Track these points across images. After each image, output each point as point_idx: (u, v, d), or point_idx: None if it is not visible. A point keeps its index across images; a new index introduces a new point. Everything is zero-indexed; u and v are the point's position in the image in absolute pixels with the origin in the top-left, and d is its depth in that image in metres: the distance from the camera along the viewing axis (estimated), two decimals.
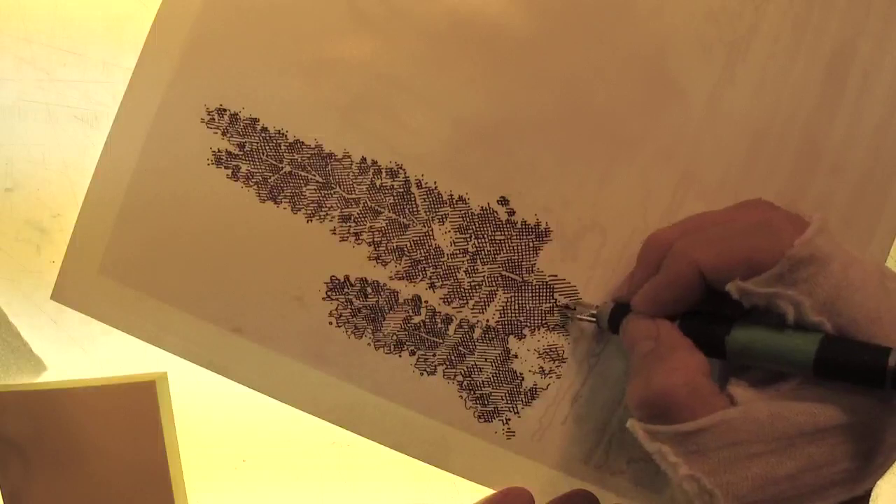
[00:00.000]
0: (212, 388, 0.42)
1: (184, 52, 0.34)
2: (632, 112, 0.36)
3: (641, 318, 0.31)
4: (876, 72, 0.36)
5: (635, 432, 0.28)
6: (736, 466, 0.26)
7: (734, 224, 0.30)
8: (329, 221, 0.35)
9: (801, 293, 0.27)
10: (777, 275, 0.27)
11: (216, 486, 0.44)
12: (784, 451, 0.26)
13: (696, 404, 0.27)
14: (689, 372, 0.28)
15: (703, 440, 0.26)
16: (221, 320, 0.35)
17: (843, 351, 0.26)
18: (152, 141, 0.34)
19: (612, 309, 0.33)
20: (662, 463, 0.27)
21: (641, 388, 0.29)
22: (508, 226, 0.36)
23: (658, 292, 0.31)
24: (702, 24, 0.36)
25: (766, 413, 0.26)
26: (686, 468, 0.26)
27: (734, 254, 0.28)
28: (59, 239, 0.41)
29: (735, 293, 0.28)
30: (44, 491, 0.42)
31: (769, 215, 0.30)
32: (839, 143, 0.36)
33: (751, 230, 0.29)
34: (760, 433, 0.26)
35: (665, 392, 0.28)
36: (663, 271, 0.31)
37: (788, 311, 0.27)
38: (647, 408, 0.28)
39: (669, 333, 0.30)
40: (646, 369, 0.29)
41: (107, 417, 0.42)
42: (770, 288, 0.27)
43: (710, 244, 0.29)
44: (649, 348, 0.30)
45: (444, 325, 0.36)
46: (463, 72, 0.35)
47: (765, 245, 0.28)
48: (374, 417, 0.36)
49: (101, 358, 0.43)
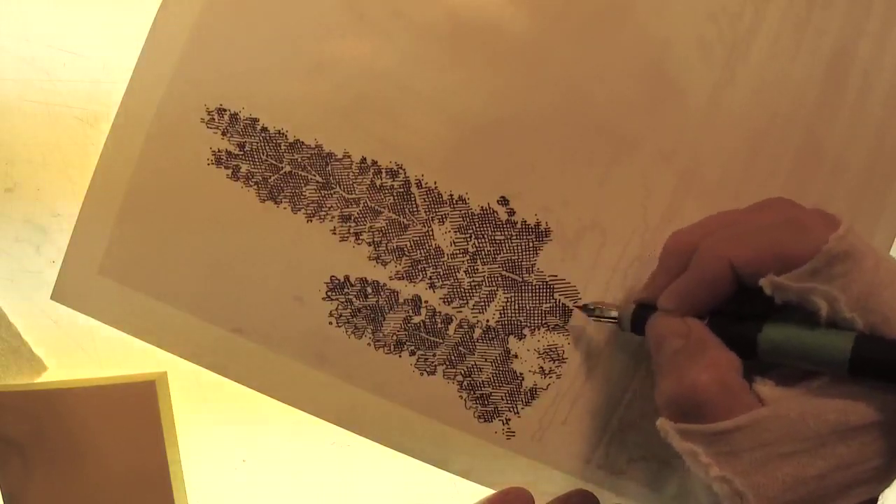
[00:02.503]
0: (212, 388, 0.42)
1: (184, 52, 0.34)
2: (632, 112, 0.36)
3: (669, 316, 0.30)
4: (876, 72, 0.36)
5: (665, 432, 0.28)
6: (767, 467, 0.26)
7: (763, 221, 0.30)
8: (329, 221, 0.35)
9: (836, 289, 0.26)
10: (812, 270, 0.27)
11: (216, 486, 0.44)
12: (815, 450, 0.26)
13: (729, 403, 0.27)
14: (721, 369, 0.28)
15: (736, 440, 0.26)
16: (221, 320, 0.35)
17: (878, 349, 0.26)
18: (152, 141, 0.34)
19: (635, 310, 0.33)
20: (693, 463, 0.27)
21: (673, 386, 0.28)
22: (508, 226, 0.36)
23: (689, 290, 0.30)
24: (702, 24, 0.36)
25: (798, 412, 0.26)
26: (717, 469, 0.26)
27: (767, 249, 0.28)
28: (59, 239, 0.41)
29: (769, 288, 0.27)
30: (43, 491, 0.42)
31: (797, 212, 0.30)
32: (839, 143, 0.36)
33: (782, 226, 0.29)
34: (791, 432, 0.26)
35: (698, 390, 0.27)
36: (693, 269, 0.30)
37: (822, 307, 0.26)
38: (679, 406, 0.28)
39: (700, 331, 0.29)
40: (677, 367, 0.29)
41: (107, 417, 0.42)
42: (806, 283, 0.27)
43: (742, 240, 0.29)
44: (679, 346, 0.29)
45: (444, 325, 0.36)
46: (463, 72, 0.35)
47: (797, 241, 0.27)
48: (374, 417, 0.36)
49: (101, 358, 0.43)
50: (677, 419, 0.28)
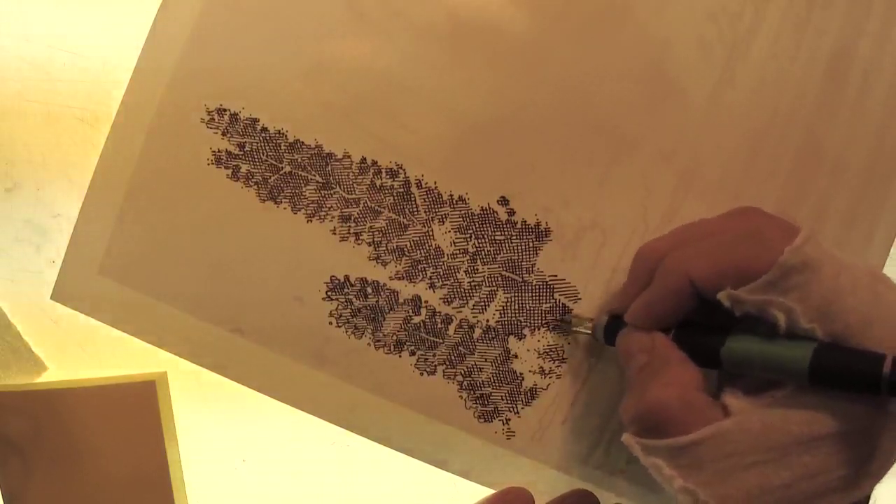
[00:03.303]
0: (212, 388, 0.42)
1: (184, 53, 0.34)
2: (632, 112, 0.36)
3: (636, 331, 0.31)
4: (876, 72, 0.36)
5: (631, 447, 0.29)
6: (731, 478, 0.26)
7: (724, 234, 0.30)
8: (329, 221, 0.35)
9: (793, 300, 0.27)
10: (768, 283, 0.27)
11: (216, 486, 0.44)
12: (779, 460, 0.26)
13: (689, 418, 0.27)
14: (682, 387, 0.28)
15: (698, 453, 0.27)
16: (221, 320, 0.35)
17: (837, 359, 0.26)
18: (152, 141, 0.34)
19: (607, 322, 0.33)
20: (658, 476, 0.27)
21: (635, 402, 0.29)
22: (508, 226, 0.36)
23: (651, 305, 0.31)
24: (702, 24, 0.36)
25: (760, 424, 0.26)
26: (681, 481, 0.27)
27: (725, 264, 0.28)
28: (59, 239, 0.41)
29: (726, 302, 0.28)
30: (43, 491, 0.42)
31: (759, 224, 0.30)
32: (839, 143, 0.36)
33: (741, 239, 0.29)
34: (755, 444, 0.26)
35: (658, 407, 0.28)
36: (655, 284, 0.31)
37: (780, 319, 0.27)
38: (642, 422, 0.29)
39: (663, 347, 0.30)
40: (640, 384, 0.29)
41: (107, 417, 0.42)
42: (762, 296, 0.27)
43: (701, 255, 0.29)
44: (644, 362, 0.30)
45: (444, 325, 0.36)
46: (463, 72, 0.35)
47: (755, 254, 0.28)
48: (374, 417, 0.36)
49: (101, 358, 0.43)
50: (641, 434, 0.28)
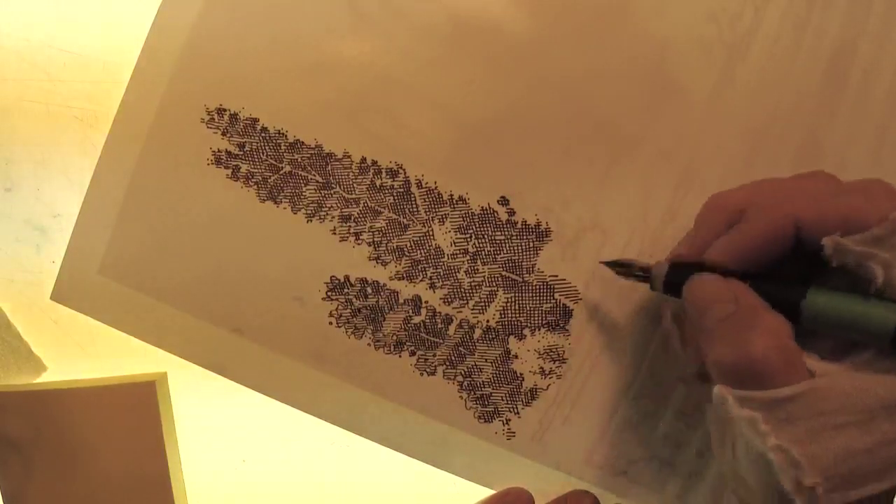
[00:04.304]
0: (212, 388, 0.42)
1: (184, 52, 0.34)
2: (632, 112, 0.36)
3: (713, 279, 0.29)
4: (876, 72, 0.36)
5: (724, 399, 0.27)
6: (821, 437, 0.25)
7: (820, 186, 0.29)
8: (329, 221, 0.35)
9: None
10: (877, 236, 0.26)
11: (216, 486, 0.44)
12: (865, 424, 0.25)
13: (788, 370, 0.26)
14: (779, 336, 0.27)
15: (794, 408, 0.26)
16: (221, 320, 0.35)
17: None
18: (152, 141, 0.34)
19: (669, 269, 0.31)
20: (751, 431, 0.26)
21: (729, 353, 0.27)
22: (508, 226, 0.36)
23: (745, 245, 0.29)
24: (702, 24, 0.36)
25: (850, 384, 0.26)
26: (774, 438, 0.26)
27: (833, 211, 0.28)
28: (59, 239, 0.41)
29: (830, 248, 0.27)
30: (44, 491, 0.42)
31: (858, 181, 0.29)
32: (839, 143, 0.36)
33: (850, 190, 0.28)
34: (846, 404, 0.25)
35: (757, 357, 0.27)
36: (753, 224, 0.29)
37: (878, 275, 0.26)
38: (737, 374, 0.27)
39: (749, 296, 0.28)
40: (730, 334, 0.28)
41: (107, 417, 0.42)
42: (868, 248, 0.26)
43: (809, 199, 0.29)
44: (729, 311, 0.28)
45: (444, 326, 0.36)
46: (463, 72, 0.35)
47: (864, 207, 0.27)
48: (374, 417, 0.36)
49: (101, 358, 0.43)
50: (734, 387, 0.27)
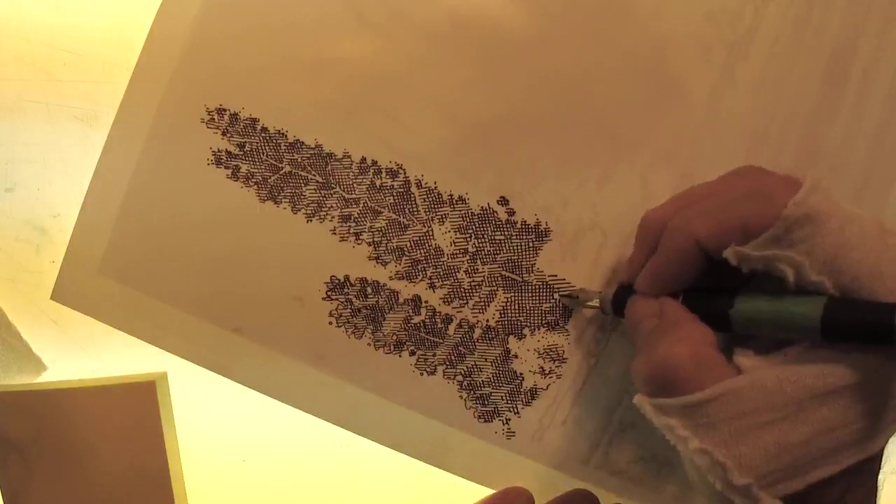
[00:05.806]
0: (212, 388, 0.42)
1: (184, 52, 0.34)
2: (632, 112, 0.36)
3: (645, 297, 0.31)
4: (876, 72, 0.36)
5: (642, 407, 0.28)
6: (748, 437, 0.25)
7: (727, 193, 0.30)
8: (329, 221, 0.35)
9: (800, 254, 0.26)
10: (773, 237, 0.27)
11: (216, 486, 0.44)
12: (795, 416, 0.25)
13: (702, 375, 0.27)
14: (693, 343, 0.28)
15: (712, 411, 0.26)
16: (221, 320, 0.35)
17: (848, 311, 0.25)
18: (152, 141, 0.34)
19: (615, 292, 0.33)
20: (672, 438, 0.27)
21: (646, 361, 0.28)
22: (508, 226, 0.36)
23: (659, 270, 0.30)
24: (702, 24, 0.36)
25: (774, 379, 0.26)
26: (696, 441, 0.26)
27: (729, 221, 0.28)
28: (59, 239, 0.41)
29: (733, 259, 0.27)
30: (44, 491, 0.42)
31: (764, 181, 0.30)
32: (839, 143, 0.36)
33: (744, 197, 0.29)
34: (769, 400, 0.26)
35: (670, 364, 0.27)
36: (661, 249, 0.30)
37: (788, 273, 0.26)
38: (653, 381, 0.28)
39: (673, 309, 0.30)
40: (650, 344, 0.29)
41: (107, 417, 0.42)
42: (767, 251, 0.27)
43: (705, 214, 0.29)
44: (653, 325, 0.29)
45: (444, 325, 0.36)
46: (463, 72, 0.35)
47: (759, 210, 0.27)
48: (374, 417, 0.36)
49: (101, 358, 0.43)
50: (654, 395, 0.28)
